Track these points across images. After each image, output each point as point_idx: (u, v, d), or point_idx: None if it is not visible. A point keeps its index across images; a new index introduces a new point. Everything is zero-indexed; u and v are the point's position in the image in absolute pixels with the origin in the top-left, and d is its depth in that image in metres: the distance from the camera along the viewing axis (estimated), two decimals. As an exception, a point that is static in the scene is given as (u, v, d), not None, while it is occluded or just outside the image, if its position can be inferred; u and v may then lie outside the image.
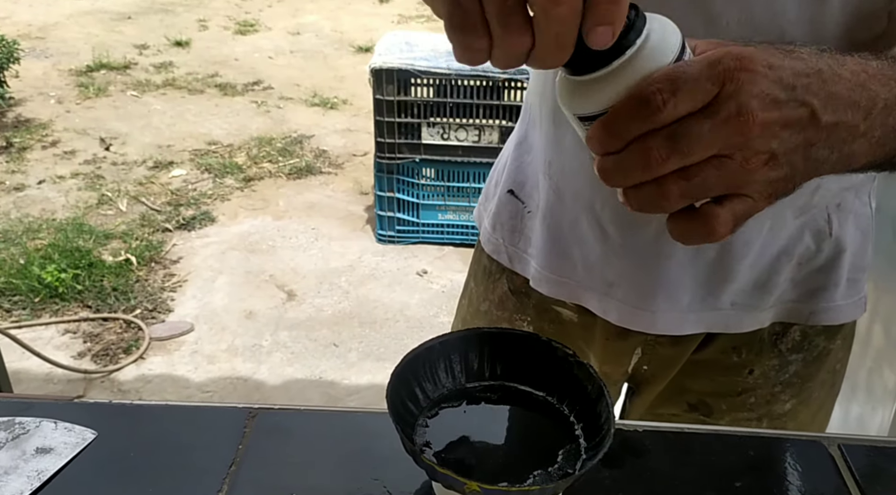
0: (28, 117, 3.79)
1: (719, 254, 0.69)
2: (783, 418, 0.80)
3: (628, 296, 0.73)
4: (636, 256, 0.71)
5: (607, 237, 0.71)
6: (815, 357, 0.78)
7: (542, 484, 0.51)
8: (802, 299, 0.74)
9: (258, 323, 2.45)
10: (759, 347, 0.76)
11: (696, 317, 0.73)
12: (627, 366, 0.80)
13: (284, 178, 3.40)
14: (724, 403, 0.79)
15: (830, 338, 0.77)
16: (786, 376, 0.77)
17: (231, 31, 5.32)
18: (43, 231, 2.82)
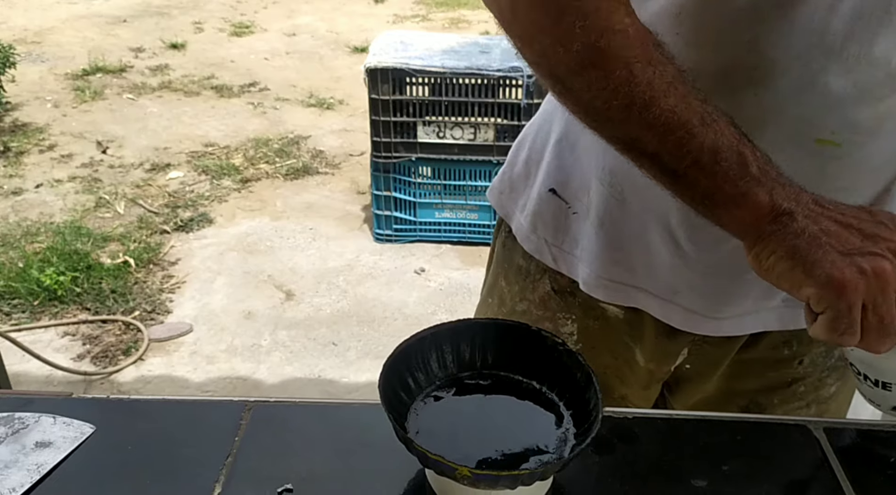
0: (25, 121, 3.80)
1: None
2: (829, 401, 0.82)
3: (694, 304, 0.73)
4: (709, 270, 0.71)
5: (680, 250, 0.71)
6: None
7: (531, 469, 0.53)
8: None
9: (257, 323, 2.46)
10: (808, 337, 0.75)
11: (753, 317, 0.74)
12: (672, 365, 0.80)
13: (282, 179, 3.41)
14: (775, 397, 0.81)
15: None
16: (831, 361, 0.80)
17: (226, 33, 5.33)
18: (41, 234, 2.83)
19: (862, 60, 0.57)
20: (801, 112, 0.60)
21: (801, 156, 0.61)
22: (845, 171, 0.63)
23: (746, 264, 0.65)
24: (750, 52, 0.58)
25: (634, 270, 0.74)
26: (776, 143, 0.60)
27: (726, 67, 0.60)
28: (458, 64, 2.59)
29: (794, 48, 0.57)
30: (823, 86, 0.58)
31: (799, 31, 0.57)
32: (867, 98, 0.59)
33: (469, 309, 2.58)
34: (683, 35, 0.60)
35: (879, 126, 0.61)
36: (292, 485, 0.59)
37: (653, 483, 0.60)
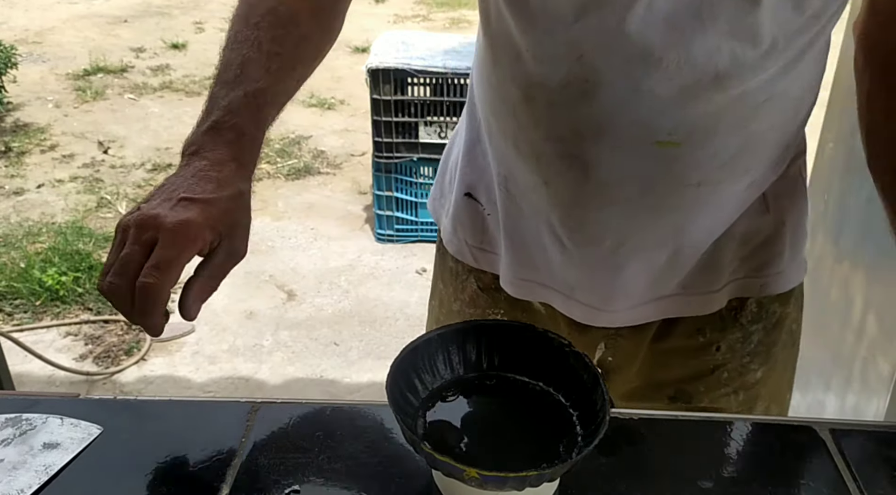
0: (26, 122, 3.80)
1: (670, 258, 0.74)
2: (756, 386, 0.83)
3: (589, 299, 0.77)
4: (593, 267, 0.75)
5: (565, 249, 0.75)
6: (773, 323, 0.82)
7: (538, 471, 0.53)
8: (752, 274, 0.78)
9: (259, 323, 2.46)
10: (721, 324, 0.80)
11: (653, 306, 0.78)
12: (594, 357, 0.84)
13: (283, 179, 3.41)
14: (701, 385, 0.83)
15: (784, 303, 0.82)
16: (751, 346, 0.81)
17: (227, 33, 5.33)
18: (43, 234, 2.83)
19: (683, 66, 0.62)
20: (635, 118, 0.64)
21: (645, 158, 0.66)
22: (693, 168, 0.67)
23: (625, 258, 0.72)
24: (582, 67, 0.63)
25: (538, 268, 0.79)
26: (619, 148, 0.66)
27: (565, 81, 0.65)
28: (460, 64, 2.59)
29: (617, 61, 0.62)
30: (649, 92, 0.63)
31: (620, 45, 0.62)
32: (696, 99, 0.63)
33: (471, 309, 2.59)
34: (531, 52, 0.66)
35: (716, 124, 0.65)
36: (299, 487, 0.59)
37: (659, 484, 0.60)
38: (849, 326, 1.26)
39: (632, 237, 0.71)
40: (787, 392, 0.89)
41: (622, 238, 0.71)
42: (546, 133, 0.68)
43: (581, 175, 0.68)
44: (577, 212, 0.71)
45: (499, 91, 0.73)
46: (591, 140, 0.66)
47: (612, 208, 0.69)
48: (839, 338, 1.31)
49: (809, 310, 1.49)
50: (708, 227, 0.73)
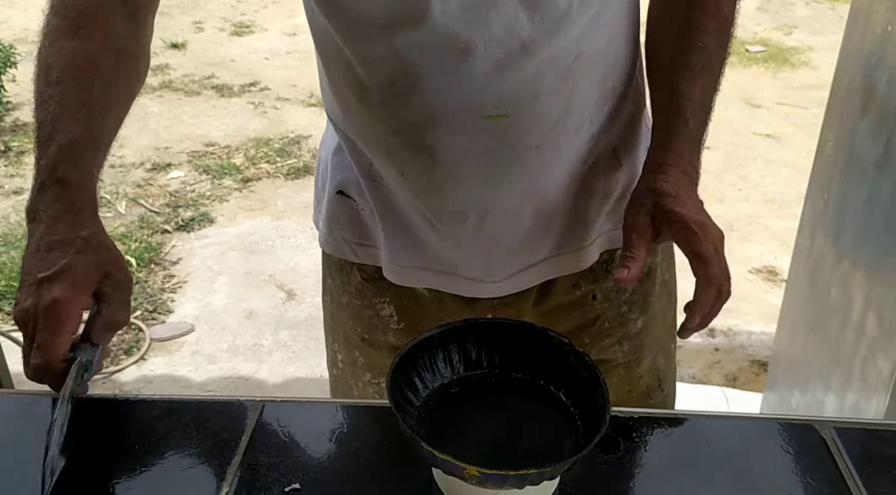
0: (26, 121, 3.79)
1: (535, 221, 0.79)
2: (639, 336, 0.88)
3: (472, 273, 0.81)
4: (466, 243, 0.80)
5: (437, 230, 0.79)
6: (646, 273, 0.86)
7: (539, 469, 0.53)
8: (616, 226, 0.82)
9: (258, 322, 2.46)
10: (593, 276, 0.85)
11: (532, 270, 0.82)
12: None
13: (283, 179, 3.41)
14: (585, 336, 0.87)
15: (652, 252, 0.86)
16: (626, 295, 0.86)
17: (227, 33, 5.32)
18: (42, 234, 2.83)
19: (490, 44, 0.67)
20: (460, 100, 0.69)
21: (479, 134, 0.71)
22: (526, 134, 0.72)
23: (491, 231, 0.77)
24: (402, 64, 0.69)
25: (417, 253, 0.82)
26: (453, 130, 0.71)
27: (390, 79, 0.70)
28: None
29: (431, 52, 0.68)
30: (467, 74, 0.68)
31: (430, 38, 0.67)
32: (511, 70, 0.68)
33: (470, 308, 2.59)
34: (356, 58, 0.71)
35: (535, 88, 0.70)
36: (300, 485, 0.59)
37: (659, 482, 0.60)
38: (849, 325, 1.26)
39: (492, 209, 0.76)
40: (671, 341, 0.92)
41: (483, 211, 0.76)
42: (387, 128, 0.73)
43: (428, 161, 0.73)
44: (435, 195, 0.76)
45: (338, 97, 0.78)
46: (427, 128, 0.71)
47: (465, 185, 0.74)
48: (839, 338, 1.31)
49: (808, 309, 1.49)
50: (560, 184, 0.78)
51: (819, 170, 1.51)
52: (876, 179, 1.23)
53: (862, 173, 1.30)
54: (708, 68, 0.74)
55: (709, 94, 0.74)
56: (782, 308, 1.64)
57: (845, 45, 1.43)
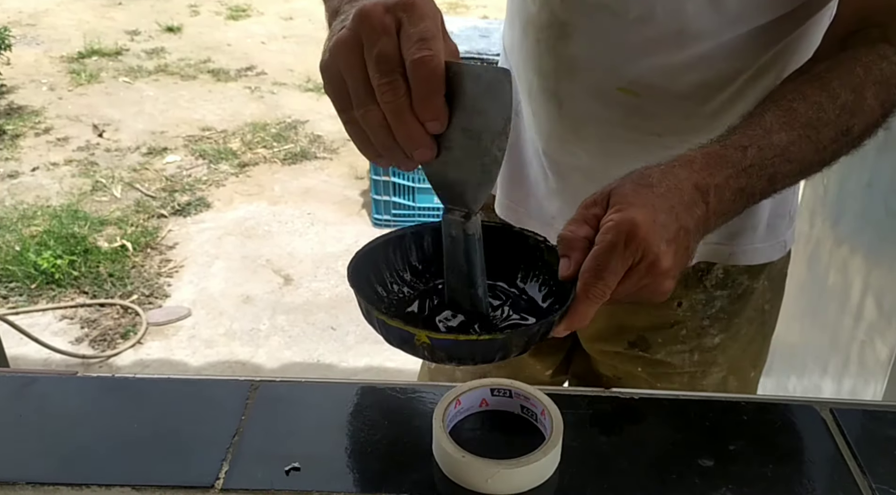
0: (20, 104, 3.77)
1: None
2: (713, 351, 0.86)
3: (554, 224, 0.83)
4: (568, 198, 0.81)
5: (548, 178, 0.82)
6: (739, 294, 0.84)
7: (491, 335, 0.49)
8: (722, 241, 0.81)
9: (255, 307, 2.46)
10: (685, 282, 0.83)
11: None
12: None
13: (279, 164, 3.39)
14: (659, 336, 0.86)
15: (753, 277, 0.84)
16: (712, 311, 0.84)
17: (223, 17, 5.29)
18: (38, 218, 2.82)
19: (647, 21, 0.67)
20: (601, 63, 0.71)
21: (608, 102, 0.72)
22: (652, 119, 0.72)
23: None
24: (563, 11, 0.71)
25: (527, 195, 0.86)
26: (589, 90, 0.73)
27: (549, 22, 0.73)
28: (460, 48, 2.57)
29: (588, 9, 0.70)
30: (617, 42, 0.69)
31: None
32: (657, 53, 0.68)
33: (468, 294, 2.59)
34: None
35: (673, 79, 0.70)
36: (299, 464, 0.59)
37: (660, 462, 0.60)
38: (847, 310, 1.26)
39: (599, 176, 0.69)
40: (749, 369, 0.91)
41: (591, 175, 0.75)
42: (534, 67, 0.76)
43: (555, 109, 0.76)
44: (553, 143, 0.79)
45: (510, 26, 0.82)
46: (564, 79, 0.74)
47: (582, 145, 0.76)
48: (837, 322, 1.31)
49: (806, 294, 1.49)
50: None
51: (818, 155, 1.50)
52: (876, 164, 1.23)
53: (862, 158, 1.30)
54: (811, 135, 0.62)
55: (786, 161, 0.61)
56: (780, 293, 1.65)
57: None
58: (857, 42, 0.66)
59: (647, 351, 0.87)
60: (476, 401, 0.65)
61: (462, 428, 0.63)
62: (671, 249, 0.55)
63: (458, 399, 0.64)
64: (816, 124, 0.62)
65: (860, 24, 0.66)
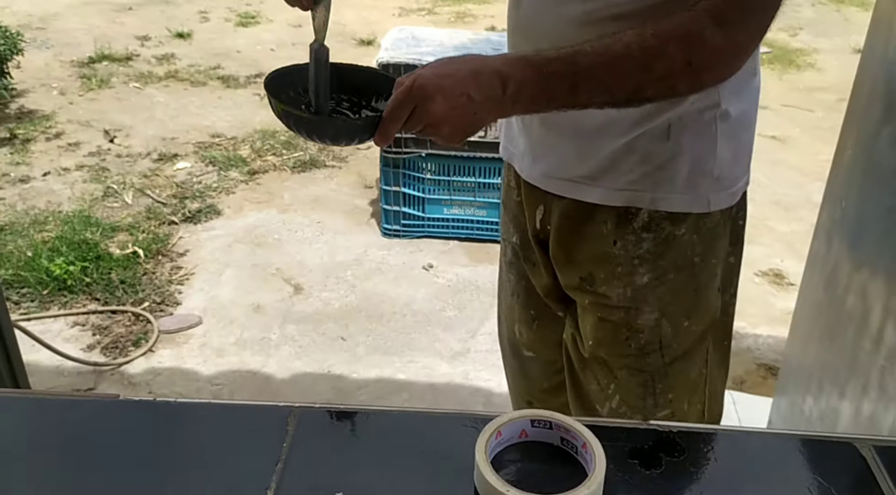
0: (31, 109, 3.78)
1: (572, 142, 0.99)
2: (643, 290, 0.99)
3: (523, 157, 1.06)
4: (524, 133, 1.05)
5: (520, 121, 1.06)
6: (663, 238, 0.97)
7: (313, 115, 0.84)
8: (646, 188, 0.96)
9: (266, 316, 2.46)
10: (618, 222, 0.98)
11: (561, 183, 1.01)
12: (535, 216, 1.08)
13: (289, 172, 3.40)
14: (601, 272, 1.01)
15: (675, 224, 0.97)
16: (640, 251, 0.98)
17: (232, 23, 5.30)
18: (49, 223, 2.82)
19: None
20: (548, 29, 0.91)
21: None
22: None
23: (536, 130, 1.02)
24: None
25: (507, 135, 1.11)
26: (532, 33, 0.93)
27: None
28: (472, 61, 2.58)
29: None
30: (558, 13, 0.90)
31: None
32: (595, 22, 0.87)
33: (477, 305, 2.59)
34: None
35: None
36: (343, 493, 0.60)
37: (699, 497, 0.60)
38: (866, 334, 1.27)
39: (547, 122, 0.98)
40: (682, 318, 1.01)
41: (540, 120, 0.99)
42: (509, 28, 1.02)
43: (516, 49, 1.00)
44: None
45: None
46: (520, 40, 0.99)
47: None
48: (855, 346, 1.32)
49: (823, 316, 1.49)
50: (613, 129, 0.94)
51: (836, 177, 1.51)
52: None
53: (882, 182, 1.30)
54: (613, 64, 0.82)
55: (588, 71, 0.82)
56: (795, 314, 1.65)
57: (867, 52, 1.43)
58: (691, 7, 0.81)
59: (593, 285, 1.01)
60: (516, 432, 0.66)
61: (502, 460, 0.63)
62: (447, 103, 0.80)
63: (499, 430, 0.64)
64: (621, 57, 0.81)
65: None
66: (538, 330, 1.20)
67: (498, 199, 2.82)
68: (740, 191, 1.02)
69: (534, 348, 1.23)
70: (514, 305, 1.23)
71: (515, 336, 1.25)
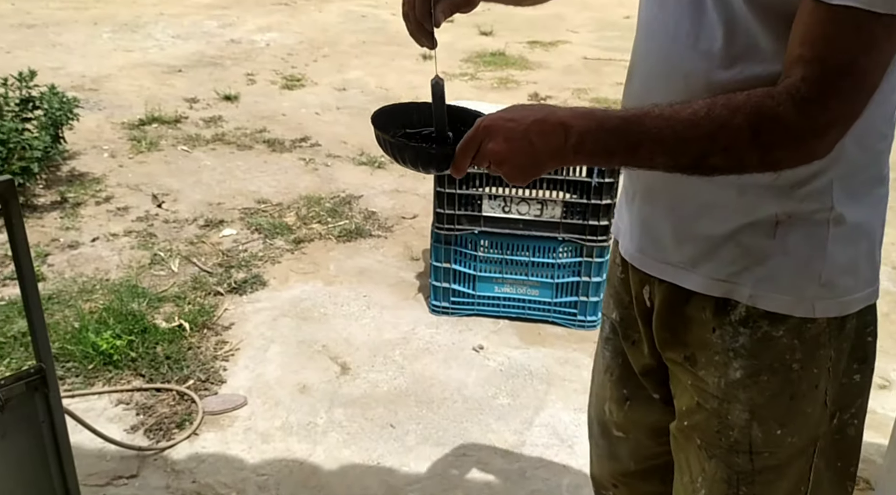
0: (82, 171, 3.82)
1: (673, 224, 1.00)
2: (735, 385, 0.97)
3: (624, 235, 1.11)
4: (626, 209, 1.10)
5: (625, 192, 1.11)
6: (759, 337, 0.95)
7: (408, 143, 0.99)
8: (745, 282, 0.95)
9: (312, 398, 2.39)
10: (717, 311, 0.98)
11: (658, 265, 1.03)
12: (642, 295, 1.09)
13: (334, 241, 3.37)
14: (702, 356, 1.00)
15: (773, 325, 0.95)
16: (736, 344, 0.96)
17: (278, 86, 5.39)
18: (97, 292, 2.80)
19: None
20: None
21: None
22: None
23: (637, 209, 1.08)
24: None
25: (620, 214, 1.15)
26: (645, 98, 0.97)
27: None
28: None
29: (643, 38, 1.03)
30: (665, 93, 0.91)
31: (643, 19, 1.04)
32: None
33: (531, 392, 2.49)
34: None
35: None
36: None
37: None
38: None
39: (641, 190, 1.05)
40: (775, 425, 0.97)
41: (637, 187, 1.05)
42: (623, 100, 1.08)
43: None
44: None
45: None
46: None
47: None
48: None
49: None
50: (702, 209, 0.96)
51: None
52: None
53: None
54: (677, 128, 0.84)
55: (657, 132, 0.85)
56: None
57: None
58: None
59: (694, 367, 1.01)
60: None
61: None
62: (508, 145, 0.89)
63: None
64: (686, 123, 0.83)
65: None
66: (630, 410, 1.18)
67: (551, 279, 2.74)
68: (857, 303, 0.95)
69: (624, 429, 1.20)
70: (607, 383, 1.20)
71: (605, 414, 1.22)
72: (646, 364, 1.13)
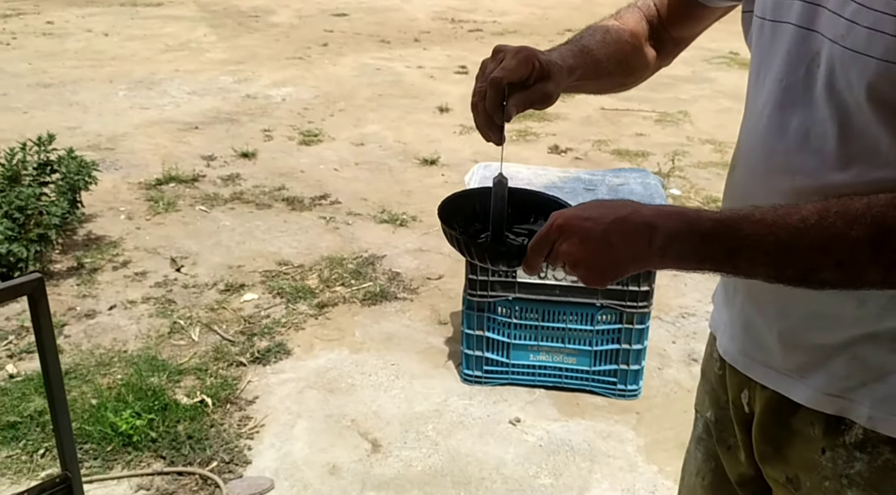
0: (99, 234, 3.75)
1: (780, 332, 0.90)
2: None
3: (723, 334, 1.03)
4: (726, 308, 1.02)
5: (724, 290, 1.03)
6: (879, 466, 0.84)
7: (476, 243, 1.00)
8: (863, 401, 0.84)
9: (343, 480, 2.25)
10: (828, 429, 0.87)
11: (761, 369, 0.94)
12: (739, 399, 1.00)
13: (359, 304, 3.26)
14: (808, 479, 0.90)
15: None
16: (851, 471, 0.86)
17: (295, 142, 5.34)
18: (115, 365, 2.69)
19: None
20: (759, 200, 0.82)
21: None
22: None
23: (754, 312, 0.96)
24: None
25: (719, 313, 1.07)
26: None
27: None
28: (565, 203, 2.45)
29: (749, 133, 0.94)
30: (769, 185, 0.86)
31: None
32: (804, 197, 0.78)
33: (574, 471, 2.35)
34: None
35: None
36: None
37: None
38: None
39: (748, 293, 0.94)
40: None
41: (744, 290, 0.95)
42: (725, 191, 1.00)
43: None
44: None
45: None
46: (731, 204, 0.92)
47: None
48: None
49: None
50: (815, 316, 0.86)
51: None
52: None
53: None
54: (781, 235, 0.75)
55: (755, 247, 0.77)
56: None
57: None
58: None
59: (798, 490, 0.92)
60: None
61: None
62: (585, 247, 0.82)
63: None
64: (793, 232, 0.74)
65: None
66: None
67: (589, 347, 2.62)
68: None
69: None
70: (698, 487, 1.11)
71: None
72: (743, 473, 1.03)
